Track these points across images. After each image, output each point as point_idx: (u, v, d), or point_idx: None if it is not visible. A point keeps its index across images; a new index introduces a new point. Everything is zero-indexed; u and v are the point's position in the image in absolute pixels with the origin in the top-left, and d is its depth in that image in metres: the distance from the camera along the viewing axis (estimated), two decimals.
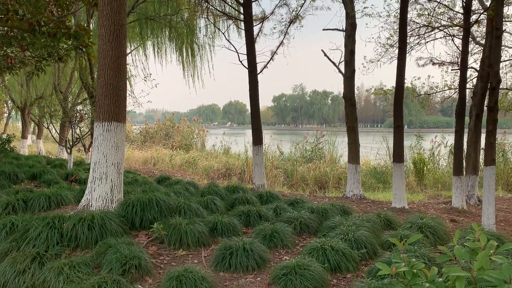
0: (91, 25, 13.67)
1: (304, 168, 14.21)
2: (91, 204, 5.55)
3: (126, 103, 6.07)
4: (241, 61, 10.10)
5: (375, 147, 16.46)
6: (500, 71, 6.79)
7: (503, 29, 8.32)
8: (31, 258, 4.19)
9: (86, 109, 13.12)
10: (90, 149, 13.01)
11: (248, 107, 9.90)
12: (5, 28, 10.50)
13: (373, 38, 12.43)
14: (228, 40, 10.58)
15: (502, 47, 8.61)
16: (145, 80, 16.12)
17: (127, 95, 10.98)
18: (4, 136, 13.73)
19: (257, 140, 9.69)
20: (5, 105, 29.30)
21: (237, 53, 10.11)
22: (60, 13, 9.91)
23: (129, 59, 15.06)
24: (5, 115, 31.47)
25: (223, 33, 10.99)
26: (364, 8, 10.72)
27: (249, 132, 10.31)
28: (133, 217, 5.20)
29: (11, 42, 10.55)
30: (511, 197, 10.78)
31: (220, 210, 6.32)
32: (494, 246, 2.08)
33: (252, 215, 5.90)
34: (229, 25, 11.46)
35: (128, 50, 14.32)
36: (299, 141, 17.11)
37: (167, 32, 14.85)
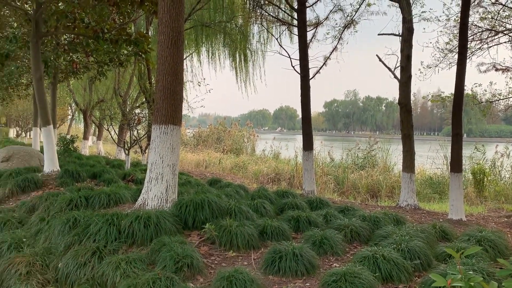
0: (149, 32, 14.28)
1: (355, 175, 13.95)
2: (147, 203, 5.79)
3: (182, 107, 6.28)
4: (293, 67, 10.13)
5: (431, 156, 15.82)
6: None
7: None
8: (91, 252, 4.44)
9: (143, 112, 13.69)
10: (146, 151, 13.55)
11: (299, 112, 9.90)
12: (72, 35, 11.23)
13: (430, 43, 11.98)
14: (281, 46, 10.66)
15: None
16: (199, 85, 16.57)
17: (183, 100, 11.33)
18: (68, 137, 14.63)
19: (308, 145, 9.65)
20: (69, 107, 31.20)
21: (290, 58, 10.17)
22: (121, 20, 10.46)
23: (184, 64, 15.54)
24: (69, 117, 33.49)
25: (277, 39, 11.08)
26: (422, 12, 10.36)
27: (299, 138, 10.31)
28: (186, 217, 5.36)
29: (77, 48, 11.26)
30: None
31: (270, 214, 6.36)
32: None
33: (301, 220, 5.88)
34: (283, 31, 11.54)
35: (183, 56, 14.78)
36: (351, 147, 16.83)
37: (221, 38, 15.20)
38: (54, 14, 9.83)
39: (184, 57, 15.18)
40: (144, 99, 14.57)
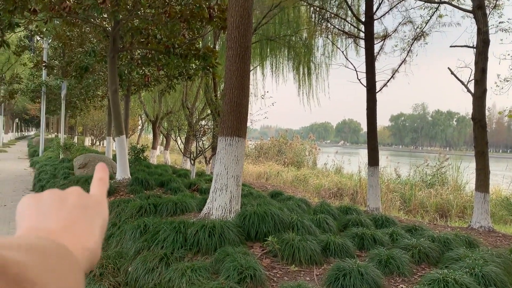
0: (217, 46, 14.76)
1: (423, 193, 13.32)
2: (212, 212, 5.94)
3: (247, 120, 6.40)
4: (359, 79, 9.97)
5: (508, 175, 14.72)
6: None
7: None
8: (159, 258, 4.63)
9: (208, 124, 14.11)
10: (210, 161, 13.92)
11: (363, 125, 9.73)
12: (145, 50, 11.92)
13: (509, 55, 11.24)
14: (346, 58, 10.56)
15: None
16: (262, 98, 16.79)
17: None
18: (138, 146, 15.42)
19: (373, 160, 9.40)
20: (139, 118, 32.93)
21: (356, 71, 10.02)
22: (191, 36, 10.92)
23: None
24: (139, 127, 35.32)
25: (342, 52, 11.00)
26: (499, 23, 9.79)
27: (362, 152, 10.08)
28: (249, 228, 5.42)
29: (149, 62, 11.92)
30: None
31: (333, 230, 6.25)
32: None
33: (366, 238, 5.72)
34: (349, 44, 11.43)
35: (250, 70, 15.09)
36: (418, 164, 16.12)
37: (285, 52, 15.36)
38: (130, 30, 10.51)
39: (250, 71, 15.53)
40: (209, 112, 15.03)
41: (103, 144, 36.99)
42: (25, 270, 0.32)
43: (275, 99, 16.81)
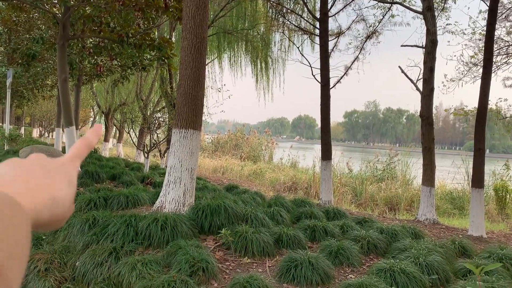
0: (173, 37, 14.49)
1: (374, 187, 13.78)
2: (165, 206, 5.84)
3: (203, 112, 6.34)
4: (314, 76, 10.12)
5: (452, 171, 15.52)
6: None
7: None
8: (108, 252, 4.50)
9: (163, 116, 13.86)
10: (165, 155, 13.69)
11: (318, 121, 9.87)
12: (97, 39, 11.49)
13: (455, 56, 11.83)
14: (302, 54, 10.68)
15: None
16: (219, 91, 16.70)
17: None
18: None
19: (326, 155, 9.60)
20: (91, 109, 31.83)
21: (311, 67, 10.16)
22: (146, 26, 10.65)
23: (205, 70, 15.73)
24: (91, 119, 34.16)
25: (298, 47, 11.11)
26: (447, 25, 10.26)
27: (317, 147, 10.26)
28: (202, 221, 5.38)
29: (102, 52, 11.51)
30: None
31: (286, 222, 6.33)
32: None
33: (318, 230, 5.84)
34: (304, 40, 11.57)
35: (206, 62, 14.96)
36: (370, 159, 16.64)
37: (243, 46, 15.32)
38: (81, 17, 10.08)
39: (207, 64, 15.38)
40: (164, 104, 14.76)
41: (52, 135, 35.44)
42: None
43: (233, 93, 16.78)
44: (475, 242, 6.78)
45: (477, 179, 7.72)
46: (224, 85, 16.80)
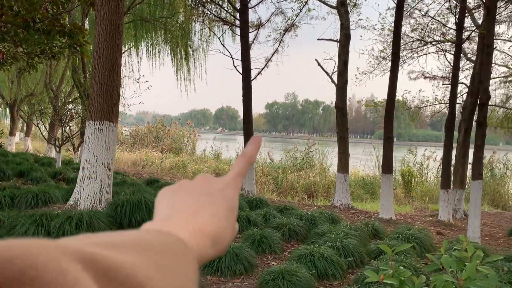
0: (86, 24, 13.64)
1: (294, 176, 14.25)
2: (80, 203, 5.51)
3: (119, 103, 6.06)
4: (235, 67, 10.14)
5: (364, 158, 16.57)
6: (490, 87, 6.91)
7: (494, 46, 8.49)
8: None
9: (77, 108, 13.04)
10: (79, 149, 12.91)
11: (240, 113, 9.93)
12: None
13: (366, 50, 12.61)
14: (223, 45, 10.63)
15: (492, 64, 8.78)
16: (138, 82, 16.10)
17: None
18: None
19: None
20: None
21: (232, 58, 10.16)
22: (55, 10, 9.88)
23: (122, 60, 15.03)
24: None
25: (218, 38, 11.04)
26: (359, 20, 10.89)
27: (240, 138, 10.35)
28: (121, 217, 5.17)
29: (4, 37, 10.48)
30: (496, 212, 10.92)
31: None
32: (480, 257, 2.12)
33: (241, 219, 5.89)
34: (225, 31, 11.53)
35: (122, 50, 14.29)
36: (290, 149, 17.17)
37: (161, 35, 14.87)
38: None
39: (123, 52, 14.70)
40: (78, 94, 13.88)
41: None
42: (134, 272, 0.29)
43: (153, 84, 16.25)
44: (385, 224, 7.31)
45: (386, 166, 8.31)
46: (143, 76, 16.17)
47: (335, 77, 9.46)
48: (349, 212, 8.51)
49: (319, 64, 9.85)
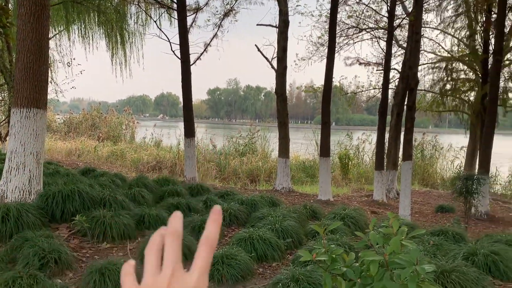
0: (10, 4, 12.66)
1: (236, 161, 14.30)
2: (6, 195, 5.17)
3: (48, 89, 5.71)
4: (173, 51, 9.90)
5: (304, 143, 16.99)
6: (419, 73, 7.32)
7: (422, 34, 8.97)
8: None
9: (3, 95, 12.15)
10: (7, 138, 12.06)
11: (181, 99, 9.75)
12: None
13: (305, 36, 12.77)
14: (160, 29, 10.34)
15: (421, 51, 9.28)
16: (69, 66, 15.28)
17: (49, 81, 10.31)
18: None
19: (189, 132, 9.58)
20: None
21: (170, 42, 9.90)
22: None
23: (52, 43, 14.15)
24: None
25: (155, 22, 10.73)
26: (297, 6, 11.01)
27: (181, 125, 10.17)
28: (53, 209, 4.93)
29: None
30: (426, 190, 11.68)
31: (148, 202, 6.18)
32: (405, 232, 2.25)
33: (181, 207, 5.84)
34: (161, 14, 11.19)
35: (51, 34, 13.44)
36: (233, 135, 17.18)
37: (95, 17, 14.15)
38: None
39: (53, 35, 13.83)
40: (4, 80, 12.90)
41: None
42: None
43: (87, 69, 15.48)
44: (323, 206, 7.57)
45: (324, 149, 8.58)
46: (74, 59, 15.32)
47: (275, 63, 9.54)
48: (289, 195, 8.72)
49: (259, 50, 9.88)
